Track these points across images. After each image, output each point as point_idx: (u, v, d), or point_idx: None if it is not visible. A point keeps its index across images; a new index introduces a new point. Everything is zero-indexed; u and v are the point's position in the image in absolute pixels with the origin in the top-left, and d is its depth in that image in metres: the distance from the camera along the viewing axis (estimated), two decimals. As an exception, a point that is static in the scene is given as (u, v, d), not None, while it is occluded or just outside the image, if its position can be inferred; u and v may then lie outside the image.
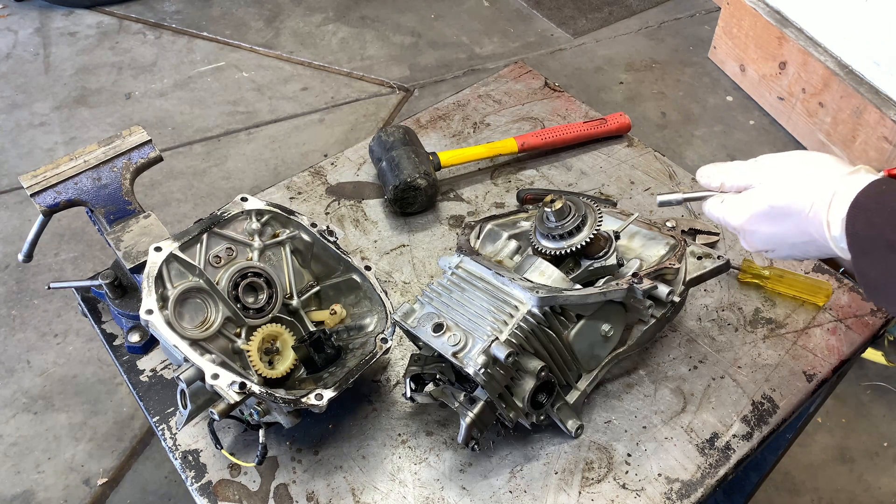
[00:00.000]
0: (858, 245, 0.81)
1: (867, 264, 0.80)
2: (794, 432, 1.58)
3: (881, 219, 0.78)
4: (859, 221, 0.80)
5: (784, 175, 0.91)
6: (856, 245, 0.81)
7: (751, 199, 0.94)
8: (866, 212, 0.80)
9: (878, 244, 0.78)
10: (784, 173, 0.91)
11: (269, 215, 1.20)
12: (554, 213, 1.10)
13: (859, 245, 0.81)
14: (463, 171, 1.59)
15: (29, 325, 2.66)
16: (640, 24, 4.09)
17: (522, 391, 1.02)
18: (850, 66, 3.08)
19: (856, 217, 0.81)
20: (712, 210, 1.01)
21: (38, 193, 1.19)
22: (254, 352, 1.10)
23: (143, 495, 2.24)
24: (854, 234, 0.81)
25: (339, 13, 4.17)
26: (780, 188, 0.91)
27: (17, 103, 3.56)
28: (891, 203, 0.79)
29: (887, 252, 0.77)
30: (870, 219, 0.79)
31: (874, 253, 0.79)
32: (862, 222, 0.80)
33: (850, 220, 0.81)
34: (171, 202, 3.10)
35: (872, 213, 0.80)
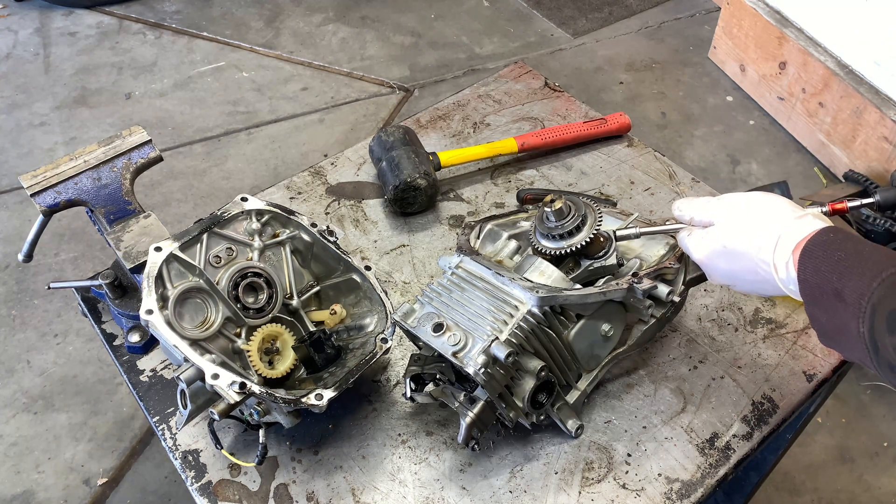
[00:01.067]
0: (808, 291, 0.82)
1: (817, 310, 0.82)
2: (794, 432, 1.58)
3: (827, 267, 0.80)
4: (808, 268, 0.82)
5: (738, 216, 0.94)
6: (806, 291, 0.83)
7: (709, 236, 0.97)
8: (814, 259, 0.82)
9: (826, 292, 0.79)
10: (738, 214, 0.94)
11: (269, 215, 1.20)
12: (554, 212, 1.10)
13: (809, 291, 0.82)
14: (463, 171, 1.59)
15: (29, 325, 2.66)
16: (640, 24, 4.09)
17: (522, 391, 1.02)
18: (850, 66, 3.08)
19: (805, 264, 0.82)
20: (681, 241, 1.03)
21: (38, 193, 1.19)
22: (254, 352, 1.10)
23: (143, 495, 2.24)
24: (804, 281, 0.82)
25: (339, 13, 4.17)
26: (733, 229, 0.94)
27: (17, 103, 3.56)
28: (836, 252, 0.80)
29: (834, 300, 0.78)
30: (817, 266, 0.81)
31: (822, 300, 0.80)
32: (810, 269, 0.82)
33: (800, 267, 0.83)
34: (171, 202, 3.10)
35: (819, 260, 0.81)
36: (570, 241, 1.10)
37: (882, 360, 0.74)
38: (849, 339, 0.78)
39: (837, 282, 0.78)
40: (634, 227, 1.09)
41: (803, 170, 3.27)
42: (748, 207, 0.94)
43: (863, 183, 2.78)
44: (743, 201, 0.95)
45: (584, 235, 1.09)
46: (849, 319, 0.76)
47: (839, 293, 0.77)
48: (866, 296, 0.75)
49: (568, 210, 1.10)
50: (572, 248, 1.10)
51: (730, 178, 3.22)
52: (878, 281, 0.75)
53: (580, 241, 1.09)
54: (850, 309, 0.76)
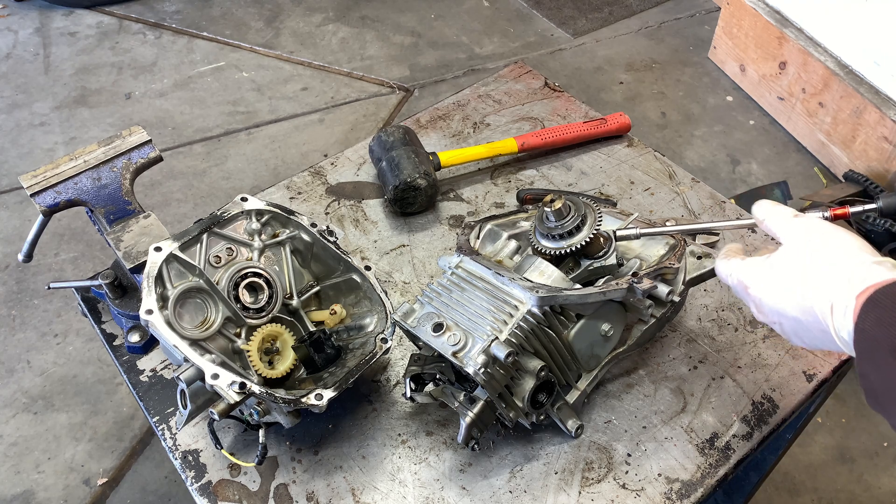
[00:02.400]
0: (864, 343, 0.74)
1: (869, 367, 0.74)
2: (794, 432, 1.58)
3: (892, 319, 0.71)
4: (869, 318, 0.74)
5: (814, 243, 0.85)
6: (861, 343, 0.75)
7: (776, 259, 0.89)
8: (879, 309, 0.73)
9: (883, 346, 0.71)
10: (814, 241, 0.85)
11: (269, 215, 1.20)
12: (553, 212, 1.10)
13: (865, 344, 0.74)
14: (463, 171, 1.59)
15: (29, 325, 2.66)
16: (640, 24, 4.09)
17: (522, 391, 1.02)
18: (850, 66, 3.08)
19: (867, 312, 0.74)
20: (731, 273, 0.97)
21: (38, 193, 1.19)
22: (254, 352, 1.10)
23: (143, 495, 2.24)
24: (862, 331, 0.74)
25: (339, 13, 4.17)
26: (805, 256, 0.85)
27: (17, 103, 3.56)
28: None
29: (890, 358, 0.70)
30: (881, 317, 0.73)
31: (877, 355, 0.72)
32: (872, 320, 0.73)
33: (861, 315, 0.74)
34: (171, 202, 3.10)
35: (885, 311, 0.73)
36: (570, 241, 1.10)
37: None
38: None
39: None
40: (635, 228, 1.09)
41: (803, 170, 3.27)
42: (827, 237, 0.85)
43: (863, 183, 2.78)
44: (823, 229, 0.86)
45: (583, 235, 1.09)
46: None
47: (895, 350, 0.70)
48: None
49: (568, 210, 1.10)
50: (572, 247, 1.10)
51: (730, 178, 3.22)
52: None
53: (580, 240, 1.09)
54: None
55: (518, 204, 1.51)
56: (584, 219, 1.10)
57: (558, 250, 1.11)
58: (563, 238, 1.10)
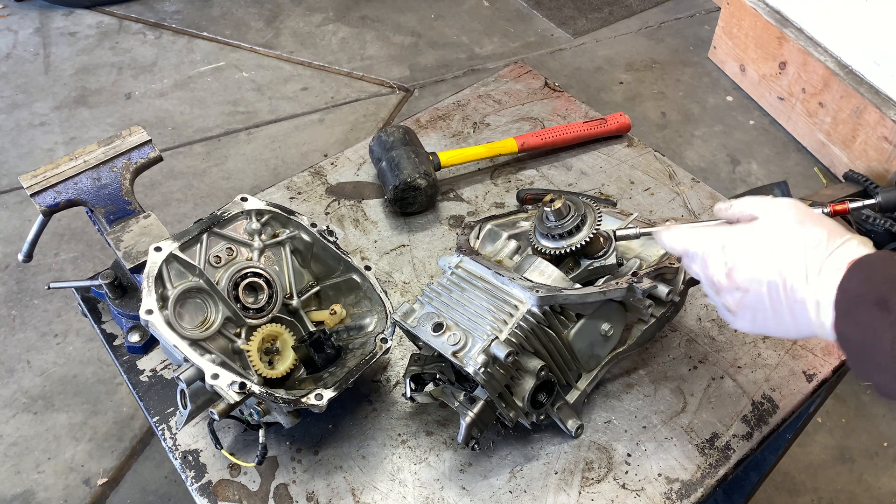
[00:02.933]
0: (844, 302, 0.78)
1: (848, 324, 0.78)
2: (794, 432, 1.58)
3: (881, 276, 0.76)
4: (855, 279, 0.78)
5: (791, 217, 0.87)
6: (841, 302, 0.78)
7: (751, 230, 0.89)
8: (867, 269, 0.78)
9: (867, 301, 0.76)
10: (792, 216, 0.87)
11: (269, 215, 1.20)
12: (553, 212, 1.10)
13: (845, 302, 0.78)
14: (463, 171, 1.59)
15: (29, 325, 2.66)
16: (640, 24, 4.09)
17: (522, 391, 1.02)
18: (850, 66, 3.08)
19: (853, 274, 0.78)
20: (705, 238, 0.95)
21: (38, 193, 1.19)
22: (254, 352, 1.10)
23: (143, 495, 2.24)
24: (844, 290, 0.78)
25: (339, 13, 4.17)
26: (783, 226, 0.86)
27: (17, 103, 3.56)
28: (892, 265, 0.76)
29: (875, 310, 0.74)
30: (868, 276, 0.77)
31: (858, 311, 0.76)
32: (858, 280, 0.77)
33: (847, 276, 0.78)
34: (171, 202, 3.10)
35: (874, 271, 0.77)
36: (570, 241, 1.10)
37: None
38: (877, 354, 0.74)
39: (887, 291, 0.74)
40: (635, 227, 1.09)
41: (803, 170, 3.27)
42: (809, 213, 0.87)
43: (863, 183, 2.78)
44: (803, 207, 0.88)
45: (583, 235, 1.09)
46: (885, 330, 0.73)
47: (884, 302, 0.74)
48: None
49: (567, 210, 1.10)
50: (572, 247, 1.10)
51: (730, 178, 3.22)
52: None
53: (580, 240, 1.09)
54: (889, 318, 0.73)
55: (518, 204, 1.51)
56: (584, 219, 1.10)
57: (558, 250, 1.11)
58: (563, 238, 1.10)
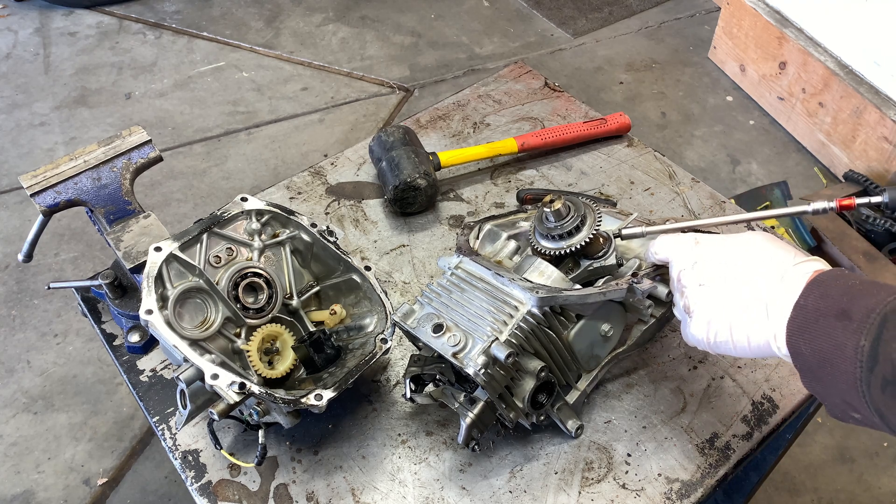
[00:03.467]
0: (801, 318, 0.79)
1: (803, 341, 0.79)
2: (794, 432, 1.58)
3: (837, 291, 0.78)
4: (812, 295, 0.80)
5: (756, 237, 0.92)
6: (798, 318, 0.80)
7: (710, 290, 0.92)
8: (823, 286, 0.80)
9: (826, 314, 0.77)
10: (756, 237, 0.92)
11: (269, 215, 1.20)
12: (553, 213, 1.10)
13: (802, 318, 0.79)
14: (463, 171, 1.59)
15: (29, 325, 2.66)
16: (640, 24, 4.09)
17: (522, 391, 1.02)
18: (850, 66, 3.08)
19: (811, 291, 0.80)
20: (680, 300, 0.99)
21: (38, 193, 1.19)
22: (253, 352, 1.10)
23: (143, 495, 2.24)
24: (801, 307, 0.80)
25: (339, 13, 4.17)
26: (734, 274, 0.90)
27: (17, 103, 3.56)
28: (850, 279, 0.79)
29: (834, 321, 0.76)
30: (825, 292, 0.79)
31: (816, 326, 0.77)
32: (815, 295, 0.79)
33: (804, 293, 0.80)
34: (171, 202, 3.10)
35: (829, 287, 0.79)
36: (570, 242, 1.10)
37: (875, 378, 0.71)
38: (839, 363, 0.75)
39: (847, 303, 0.76)
40: (641, 227, 1.09)
41: (803, 170, 3.27)
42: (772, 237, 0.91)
43: (863, 183, 2.78)
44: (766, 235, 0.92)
45: (583, 236, 1.09)
46: (847, 338, 0.74)
47: (845, 312, 0.75)
48: (878, 308, 0.72)
49: (567, 210, 1.10)
50: (572, 248, 1.09)
51: (730, 178, 3.22)
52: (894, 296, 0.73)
53: (579, 241, 1.09)
54: (852, 326, 0.74)
55: (518, 204, 1.51)
56: (584, 219, 1.10)
57: (558, 251, 1.11)
58: (563, 238, 1.10)
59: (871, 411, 0.73)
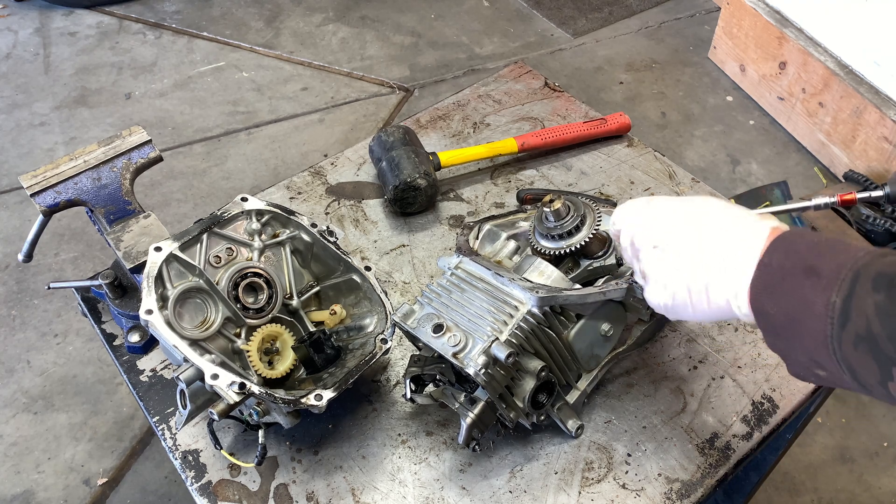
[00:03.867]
0: (766, 276, 0.77)
1: (769, 300, 0.77)
2: (794, 432, 1.58)
3: (804, 248, 0.76)
4: (777, 252, 0.77)
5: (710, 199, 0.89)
6: (763, 277, 0.77)
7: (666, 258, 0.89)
8: (788, 243, 0.77)
9: (793, 272, 0.74)
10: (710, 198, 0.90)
11: (269, 215, 1.20)
12: (553, 213, 1.10)
13: (767, 276, 0.77)
14: (463, 171, 1.59)
15: (29, 325, 2.66)
16: (640, 24, 4.09)
17: (523, 391, 1.02)
18: (850, 66, 3.08)
19: (775, 248, 0.78)
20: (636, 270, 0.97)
21: (38, 193, 1.19)
22: (253, 352, 1.10)
23: (143, 495, 2.24)
24: (766, 266, 0.77)
25: (339, 13, 4.17)
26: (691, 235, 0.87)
27: (17, 103, 3.56)
28: (816, 237, 0.77)
29: (802, 278, 0.73)
30: (790, 248, 0.77)
31: (783, 284, 0.75)
32: (781, 253, 0.77)
33: (768, 251, 0.78)
34: (171, 202, 3.10)
35: (795, 244, 0.77)
36: (570, 241, 1.10)
37: (847, 334, 0.69)
38: (807, 321, 0.73)
39: (814, 259, 0.73)
40: None
41: (803, 170, 3.27)
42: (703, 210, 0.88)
43: (863, 183, 2.78)
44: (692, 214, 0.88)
45: (583, 235, 1.09)
46: (816, 295, 0.71)
47: (813, 269, 0.73)
48: (848, 264, 0.70)
49: (567, 210, 1.10)
50: (571, 248, 1.10)
51: (730, 178, 3.22)
52: (864, 252, 0.71)
53: (579, 241, 1.09)
54: (821, 283, 0.71)
55: (518, 204, 1.51)
56: (584, 219, 1.10)
57: (558, 250, 1.11)
58: (563, 238, 1.10)
59: (841, 368, 0.72)
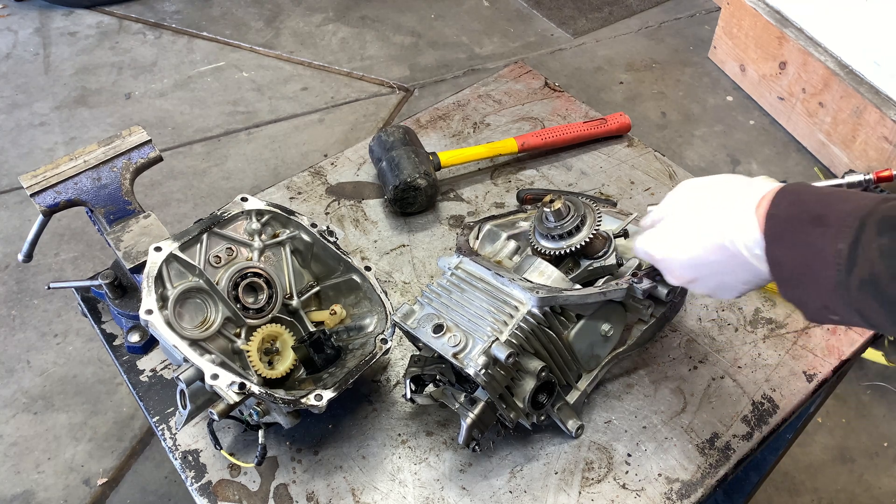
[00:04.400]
0: (776, 227, 0.79)
1: (781, 248, 0.79)
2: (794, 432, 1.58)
3: (810, 197, 0.77)
4: (783, 203, 0.79)
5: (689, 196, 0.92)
6: (773, 228, 0.79)
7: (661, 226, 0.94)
8: (792, 194, 0.79)
9: (801, 220, 0.76)
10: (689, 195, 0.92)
11: (269, 215, 1.20)
12: (553, 213, 1.10)
13: (777, 227, 0.79)
14: (463, 171, 1.59)
15: (29, 325, 2.66)
16: (640, 24, 4.09)
17: (523, 391, 1.02)
18: (850, 66, 3.08)
19: (781, 199, 0.79)
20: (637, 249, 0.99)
21: (38, 193, 1.19)
22: (253, 352, 1.10)
23: (143, 495, 2.24)
24: (773, 217, 0.79)
25: (339, 13, 4.17)
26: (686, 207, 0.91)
27: (17, 103, 3.56)
28: (819, 190, 0.78)
29: (810, 227, 0.75)
30: (796, 199, 0.78)
31: (791, 232, 0.77)
32: (786, 203, 0.78)
33: (774, 202, 0.79)
34: (171, 202, 3.10)
35: (800, 195, 0.79)
36: (570, 242, 1.10)
37: (854, 279, 0.71)
38: (818, 268, 0.74)
39: (822, 208, 0.75)
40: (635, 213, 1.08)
41: (803, 170, 3.27)
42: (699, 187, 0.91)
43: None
44: (691, 184, 0.93)
45: (583, 235, 1.09)
46: (826, 244, 0.73)
47: (820, 217, 0.75)
48: (856, 212, 0.72)
49: (567, 210, 1.10)
50: (572, 248, 1.09)
51: (730, 178, 3.22)
52: (870, 199, 0.73)
53: (579, 241, 1.09)
54: (830, 231, 0.73)
55: (518, 204, 1.51)
56: (584, 219, 1.10)
57: (558, 251, 1.11)
58: (563, 238, 1.10)
59: (850, 311, 0.74)
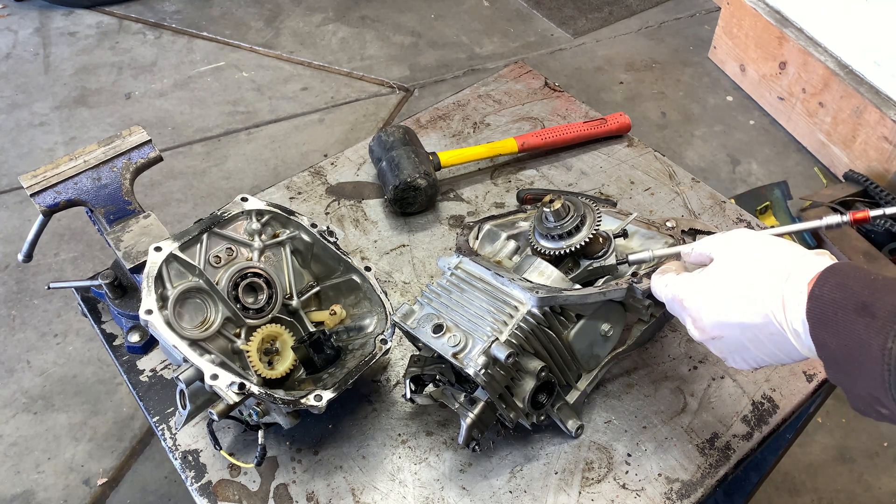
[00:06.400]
0: (821, 310, 0.75)
1: (827, 333, 0.75)
2: (794, 432, 1.58)
3: (855, 283, 0.74)
4: (828, 285, 0.75)
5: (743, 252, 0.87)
6: (817, 310, 0.75)
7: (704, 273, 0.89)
8: (838, 276, 0.76)
9: (846, 308, 0.73)
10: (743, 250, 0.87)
11: (269, 215, 1.20)
12: (553, 213, 1.10)
13: (822, 310, 0.75)
14: (463, 171, 1.59)
15: (29, 325, 2.66)
16: (640, 24, 4.08)
17: (523, 391, 1.02)
18: (850, 66, 3.08)
19: (825, 280, 0.76)
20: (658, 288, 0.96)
21: (38, 193, 1.19)
22: (253, 352, 1.10)
23: (143, 495, 2.24)
24: (817, 298, 0.75)
25: (339, 13, 4.17)
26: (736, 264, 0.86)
27: (17, 103, 3.56)
28: (867, 274, 0.75)
29: (855, 316, 0.72)
30: (841, 282, 0.75)
31: (837, 319, 0.73)
32: (831, 285, 0.75)
33: (818, 283, 0.76)
34: (171, 202, 3.10)
35: (845, 277, 0.75)
36: (570, 242, 1.10)
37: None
38: (865, 361, 0.71)
39: (868, 296, 0.71)
40: (649, 251, 1.06)
41: (803, 170, 3.27)
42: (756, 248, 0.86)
43: (863, 183, 2.78)
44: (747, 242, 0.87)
45: (583, 235, 1.09)
46: (871, 337, 0.70)
47: (866, 307, 0.71)
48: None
49: (567, 210, 1.10)
50: (571, 248, 1.09)
51: (730, 178, 3.22)
52: None
53: (579, 241, 1.09)
54: (876, 324, 0.70)
55: (518, 204, 1.51)
56: (584, 219, 1.10)
57: (558, 251, 1.11)
58: (563, 238, 1.10)
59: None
